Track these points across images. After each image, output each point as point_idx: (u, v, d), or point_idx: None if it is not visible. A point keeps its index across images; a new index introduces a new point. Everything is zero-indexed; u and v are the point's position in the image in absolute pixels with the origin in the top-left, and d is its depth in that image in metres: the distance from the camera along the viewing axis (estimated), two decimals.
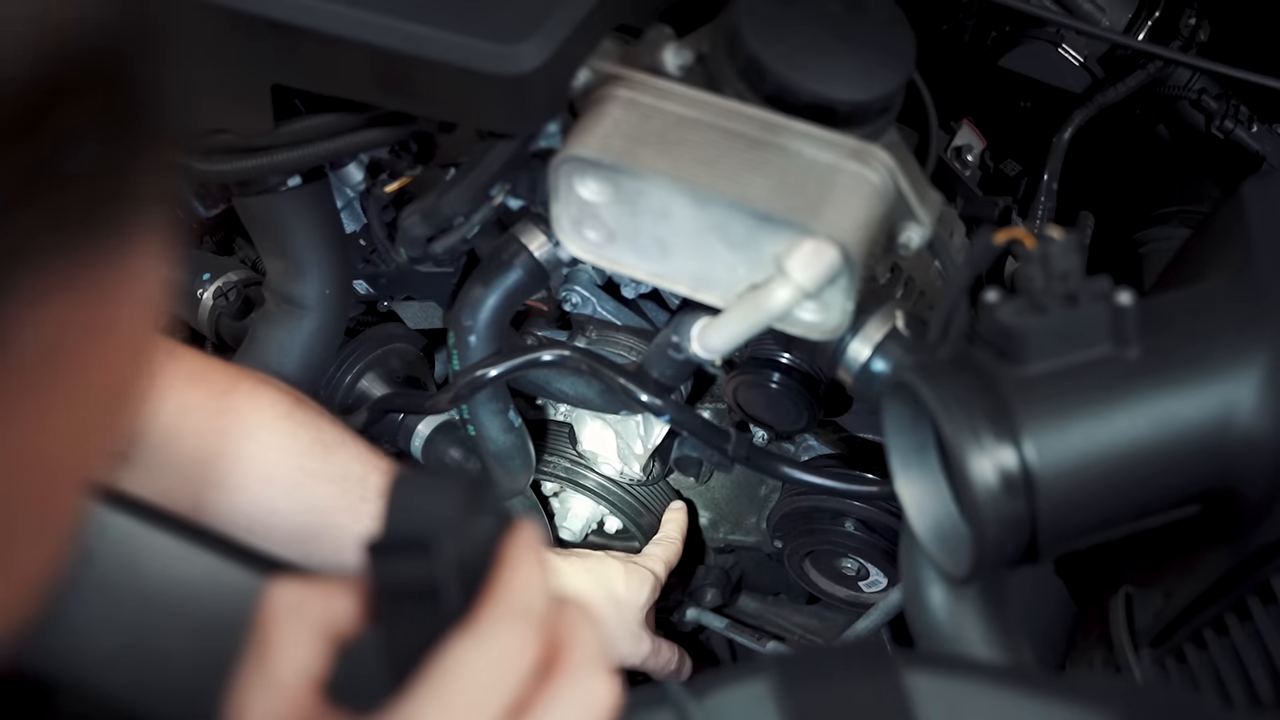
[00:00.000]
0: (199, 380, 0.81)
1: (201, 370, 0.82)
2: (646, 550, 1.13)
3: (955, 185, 1.02)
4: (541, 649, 0.48)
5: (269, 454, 0.82)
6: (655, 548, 1.12)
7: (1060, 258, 0.65)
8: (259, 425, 0.82)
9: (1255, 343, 0.65)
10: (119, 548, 0.61)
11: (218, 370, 0.84)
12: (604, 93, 0.78)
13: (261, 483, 0.82)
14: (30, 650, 0.58)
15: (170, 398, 0.81)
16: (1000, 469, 0.63)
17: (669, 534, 1.14)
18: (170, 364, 0.82)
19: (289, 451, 0.82)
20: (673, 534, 1.14)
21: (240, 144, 0.89)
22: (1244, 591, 0.64)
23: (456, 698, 0.45)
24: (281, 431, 0.83)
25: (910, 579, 0.78)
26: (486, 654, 0.46)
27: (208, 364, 0.85)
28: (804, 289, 0.73)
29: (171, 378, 0.80)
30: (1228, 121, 1.02)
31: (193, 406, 0.82)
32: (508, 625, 0.47)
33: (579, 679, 0.47)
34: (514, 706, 0.46)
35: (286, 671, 0.48)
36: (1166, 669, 0.72)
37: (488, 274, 0.92)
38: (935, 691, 0.58)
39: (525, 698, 0.47)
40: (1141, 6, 1.04)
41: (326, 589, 0.49)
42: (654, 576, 1.07)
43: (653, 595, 1.07)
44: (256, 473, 0.82)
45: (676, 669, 1.15)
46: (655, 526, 1.22)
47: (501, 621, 0.47)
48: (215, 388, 0.82)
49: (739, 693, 0.57)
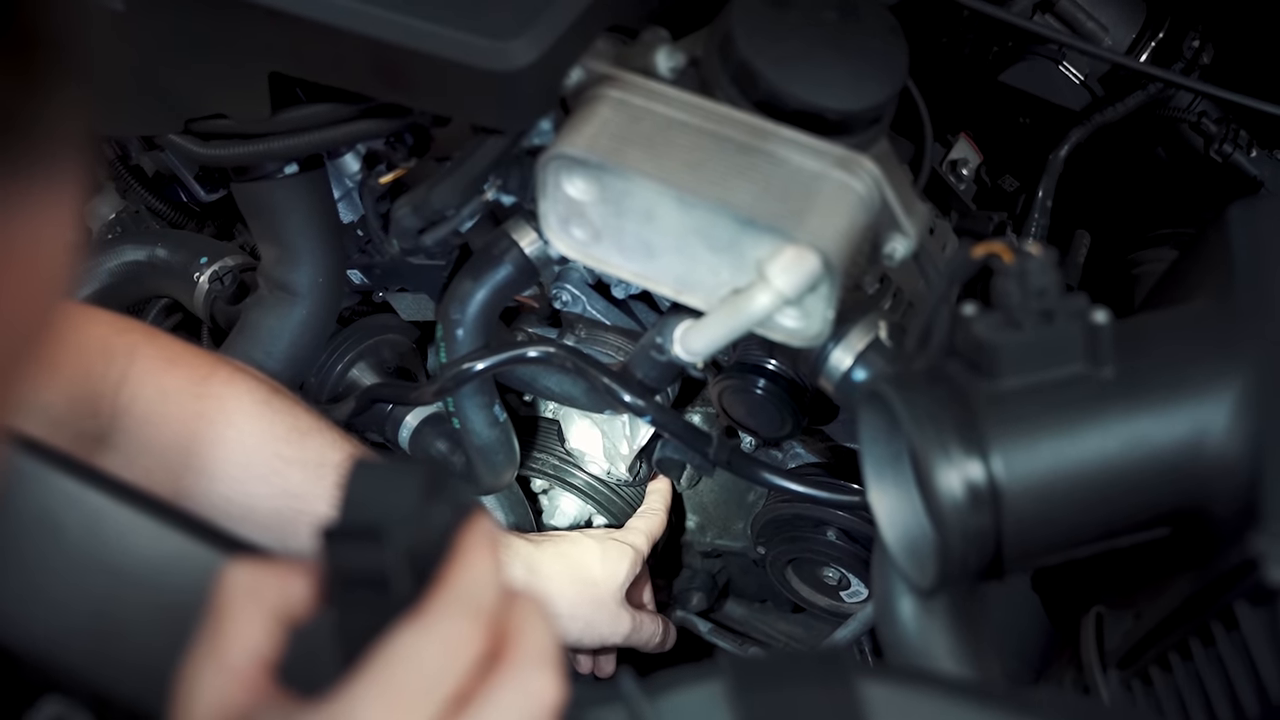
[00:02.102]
0: (177, 365, 0.82)
1: (180, 355, 0.83)
2: (629, 524, 1.12)
3: (950, 199, 1.02)
4: (488, 642, 0.48)
5: (246, 440, 0.82)
6: (638, 520, 1.12)
7: (1037, 274, 0.65)
8: (236, 411, 0.83)
9: (1230, 366, 0.65)
10: (88, 522, 0.61)
11: (196, 356, 0.84)
12: (595, 92, 0.79)
13: (239, 468, 0.83)
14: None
15: (149, 382, 0.81)
16: (967, 482, 0.63)
17: (652, 506, 1.14)
18: (149, 347, 0.82)
19: (266, 438, 0.82)
20: (656, 506, 1.14)
21: (237, 130, 0.90)
22: (1208, 616, 0.64)
23: (398, 686, 0.45)
24: (259, 418, 0.83)
25: (881, 590, 0.78)
26: (431, 644, 0.46)
27: (186, 349, 0.85)
28: (784, 295, 0.73)
29: (150, 361, 0.81)
30: (1226, 145, 1.01)
31: (172, 391, 0.82)
32: (454, 616, 0.47)
33: (523, 674, 0.48)
34: (456, 697, 0.46)
35: (237, 651, 0.48)
36: (1133, 691, 0.72)
37: (477, 268, 0.92)
38: (891, 702, 0.58)
39: (468, 689, 0.47)
40: (1145, 27, 1.04)
41: (281, 572, 0.50)
42: (633, 550, 1.07)
43: (633, 569, 1.06)
44: (234, 458, 0.82)
45: (661, 642, 1.14)
46: None
47: (448, 612, 0.47)
48: (194, 373, 0.83)
49: (692, 694, 0.57)
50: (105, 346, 0.81)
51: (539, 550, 1.03)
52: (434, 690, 0.46)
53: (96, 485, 0.62)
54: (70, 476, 0.62)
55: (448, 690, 0.46)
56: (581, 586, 1.02)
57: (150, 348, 0.81)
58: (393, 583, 0.47)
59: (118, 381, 0.80)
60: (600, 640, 1.06)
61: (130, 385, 0.81)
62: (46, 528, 0.61)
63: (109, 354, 0.80)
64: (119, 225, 1.31)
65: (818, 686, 0.58)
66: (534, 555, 1.02)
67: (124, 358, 0.81)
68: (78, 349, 0.79)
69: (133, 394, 0.80)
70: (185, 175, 1.12)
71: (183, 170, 1.12)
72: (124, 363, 0.81)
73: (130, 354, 0.81)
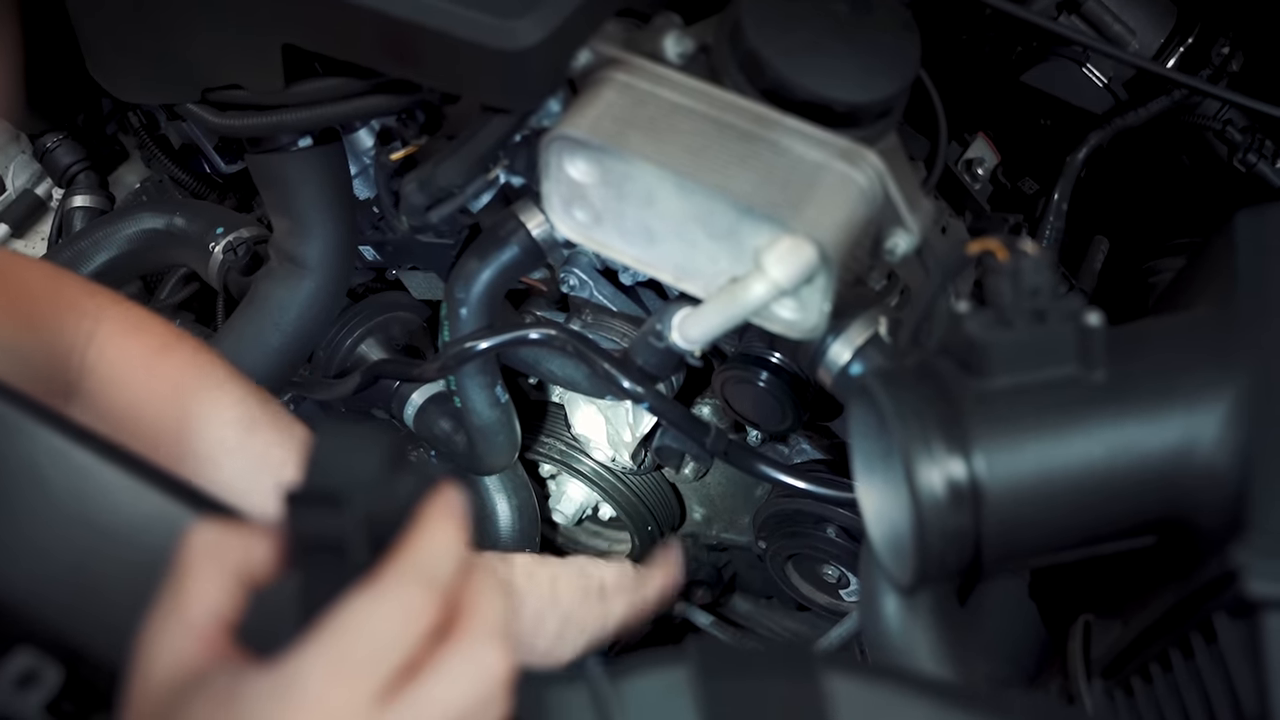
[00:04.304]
0: (140, 333, 0.81)
1: (141, 323, 0.83)
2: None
3: (965, 199, 1.01)
4: (442, 613, 0.48)
5: (191, 424, 0.81)
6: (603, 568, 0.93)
7: (1031, 273, 0.64)
8: (186, 393, 0.81)
9: (1225, 376, 0.64)
10: (72, 478, 0.62)
11: (157, 326, 0.84)
12: (602, 75, 0.78)
13: (183, 449, 0.82)
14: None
15: (112, 344, 0.81)
16: (948, 480, 0.62)
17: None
18: (114, 309, 0.81)
19: (212, 423, 0.81)
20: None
21: (251, 100, 0.90)
22: (1188, 628, 0.63)
23: (347, 652, 0.45)
24: (208, 403, 0.82)
25: (866, 587, 0.77)
26: (382, 612, 0.46)
27: (148, 317, 0.84)
28: (779, 285, 0.73)
29: (115, 324, 0.81)
30: (1251, 155, 1.00)
31: (134, 358, 0.82)
32: (408, 585, 0.47)
33: (474, 646, 0.48)
34: (404, 667, 0.46)
35: (197, 610, 0.49)
36: (1115, 701, 0.71)
37: (484, 248, 0.92)
38: (856, 697, 0.57)
39: (418, 659, 0.47)
40: (1175, 31, 1.02)
41: (245, 534, 0.50)
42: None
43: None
44: (183, 442, 0.81)
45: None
46: (647, 517, 1.22)
47: (402, 581, 0.47)
48: (155, 341, 0.82)
49: (657, 678, 0.57)
50: (77, 304, 0.81)
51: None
52: (382, 659, 0.46)
53: (83, 442, 0.63)
54: (57, 432, 0.63)
55: (396, 659, 0.46)
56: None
57: (117, 309, 0.82)
58: (349, 549, 0.48)
59: (86, 338, 0.81)
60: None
61: (96, 344, 0.81)
62: (32, 480, 0.62)
63: (80, 311, 0.81)
64: (144, 194, 1.32)
65: (783, 678, 0.57)
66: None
67: (92, 317, 0.81)
68: (53, 302, 0.80)
69: (98, 353, 0.80)
70: (206, 146, 1.13)
71: (204, 141, 1.13)
72: (92, 321, 0.81)
73: (98, 314, 0.81)
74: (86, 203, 1.25)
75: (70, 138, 1.27)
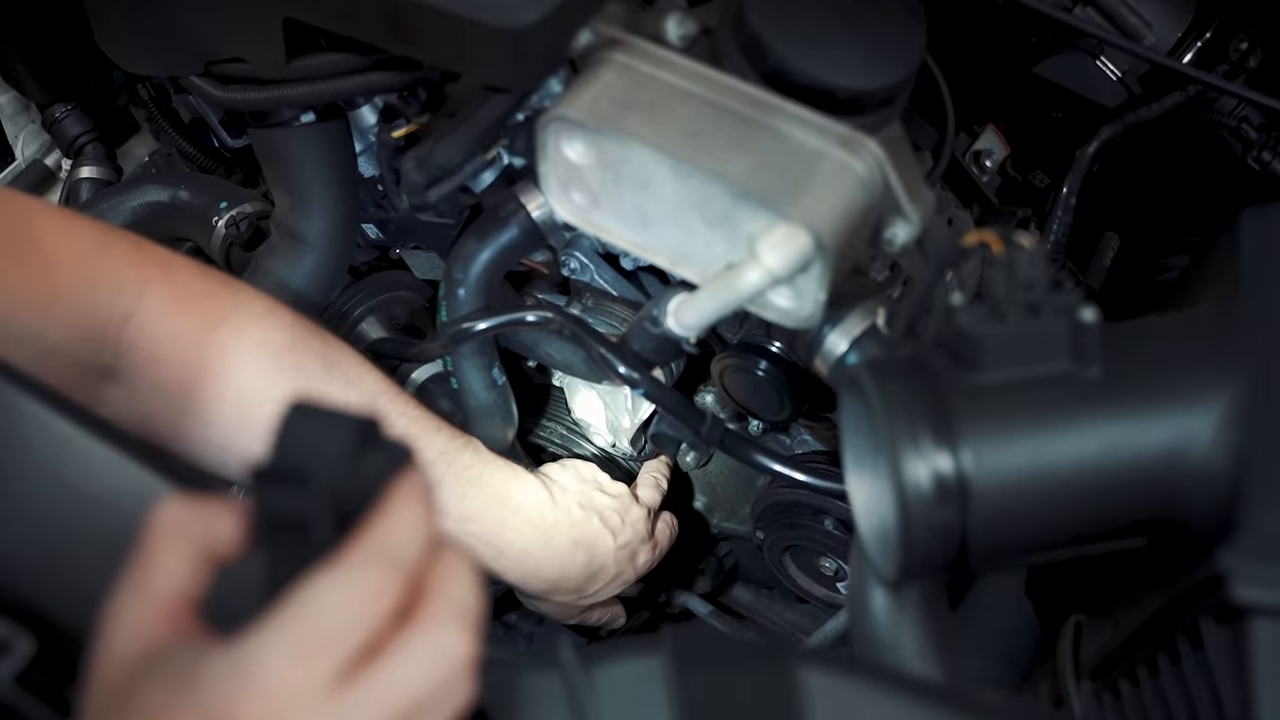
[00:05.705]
0: (189, 306, 0.81)
1: (195, 296, 0.81)
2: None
3: (973, 191, 0.99)
4: (405, 594, 0.47)
5: (246, 395, 0.81)
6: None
7: (1026, 266, 0.63)
8: (240, 365, 0.81)
9: (1221, 376, 0.63)
10: (52, 448, 0.62)
11: (214, 297, 0.83)
12: (602, 55, 0.78)
13: (235, 423, 0.82)
14: None
15: (157, 322, 0.80)
16: (935, 474, 0.61)
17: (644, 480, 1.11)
18: (163, 284, 0.80)
19: (267, 396, 0.81)
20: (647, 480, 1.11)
21: (253, 74, 0.90)
22: (1174, 632, 0.61)
23: (305, 632, 0.45)
24: (264, 374, 0.82)
25: (855, 581, 0.76)
26: (342, 593, 0.45)
27: (205, 288, 0.84)
28: (773, 273, 0.72)
29: (161, 300, 0.80)
30: (1265, 153, 0.98)
31: (180, 334, 0.81)
32: (370, 566, 0.46)
33: (436, 630, 0.47)
34: (365, 648, 0.46)
35: (160, 584, 0.48)
36: (1102, 703, 0.70)
37: (483, 229, 0.92)
38: (830, 691, 0.56)
39: (379, 640, 0.46)
40: (1192, 26, 1.00)
41: (211, 510, 0.49)
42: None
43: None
44: (231, 413, 0.82)
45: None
46: None
47: (365, 561, 0.46)
48: (205, 319, 0.81)
49: (630, 667, 0.57)
50: (116, 278, 0.80)
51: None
52: (341, 640, 0.45)
53: (65, 413, 0.63)
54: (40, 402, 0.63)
55: (356, 641, 0.45)
56: None
57: (164, 285, 0.80)
58: (313, 527, 0.47)
59: (124, 316, 0.80)
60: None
61: (137, 321, 0.80)
62: (8, 449, 0.61)
63: (118, 287, 0.80)
64: (152, 167, 1.32)
65: (756, 671, 0.57)
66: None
67: (134, 293, 0.80)
68: (86, 279, 0.78)
69: (139, 330, 0.79)
70: (212, 120, 1.13)
71: (210, 115, 1.13)
72: (133, 298, 0.80)
73: (141, 289, 0.80)
74: (94, 174, 1.25)
75: (79, 108, 1.26)
